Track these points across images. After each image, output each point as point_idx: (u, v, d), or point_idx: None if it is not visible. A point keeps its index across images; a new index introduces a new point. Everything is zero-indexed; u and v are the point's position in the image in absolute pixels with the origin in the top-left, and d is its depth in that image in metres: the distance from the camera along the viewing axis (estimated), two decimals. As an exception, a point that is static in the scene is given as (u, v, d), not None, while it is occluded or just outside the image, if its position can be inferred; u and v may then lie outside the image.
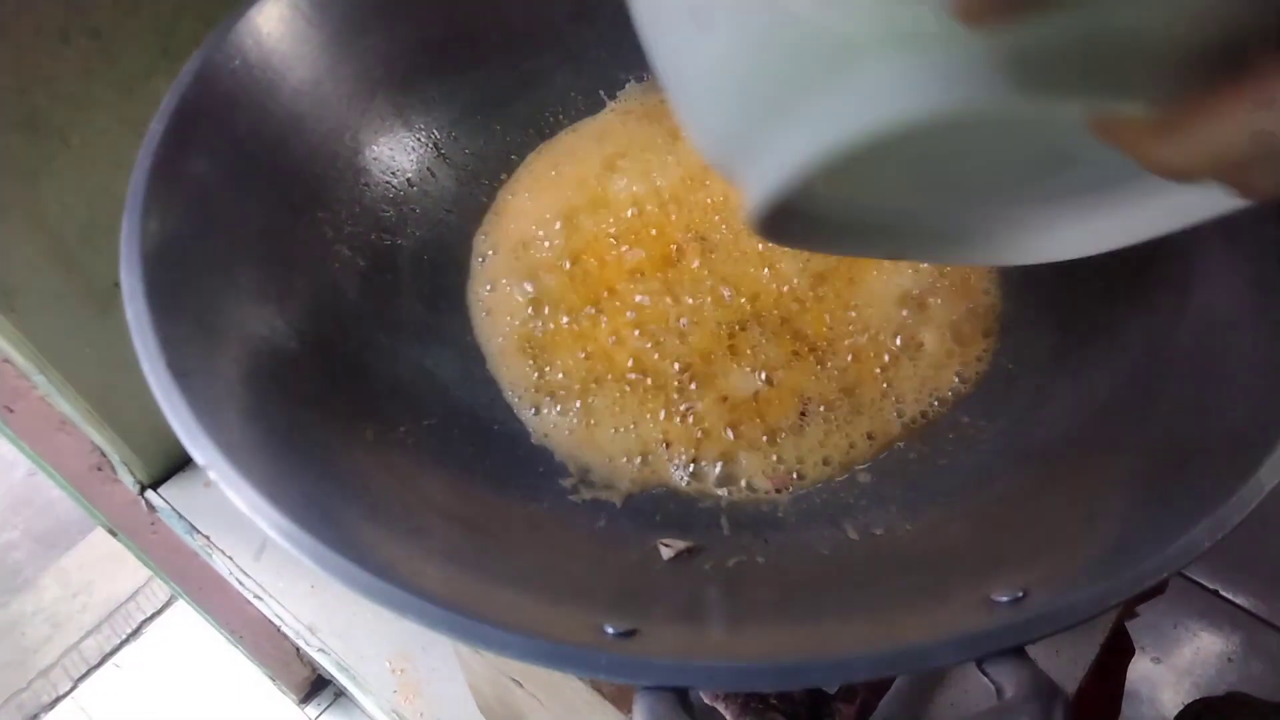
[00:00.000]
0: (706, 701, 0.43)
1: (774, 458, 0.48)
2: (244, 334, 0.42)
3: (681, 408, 0.49)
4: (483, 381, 0.52)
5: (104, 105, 0.56)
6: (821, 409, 0.49)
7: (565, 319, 0.54)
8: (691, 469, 0.48)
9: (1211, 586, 1.34)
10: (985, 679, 0.30)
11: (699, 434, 0.49)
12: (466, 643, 0.30)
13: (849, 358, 0.51)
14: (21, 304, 0.57)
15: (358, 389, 0.46)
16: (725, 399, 0.50)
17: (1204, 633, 1.30)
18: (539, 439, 0.50)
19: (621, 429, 0.49)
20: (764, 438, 0.48)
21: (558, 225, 0.57)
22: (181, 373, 0.36)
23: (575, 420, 0.50)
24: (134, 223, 0.39)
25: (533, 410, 0.50)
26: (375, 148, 0.55)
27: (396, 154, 0.56)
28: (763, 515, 0.46)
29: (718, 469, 0.48)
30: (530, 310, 0.54)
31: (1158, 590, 0.83)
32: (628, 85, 0.63)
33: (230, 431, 0.36)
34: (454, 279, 0.56)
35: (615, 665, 0.29)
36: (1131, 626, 0.76)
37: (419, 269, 0.55)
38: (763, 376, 0.50)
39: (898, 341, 0.51)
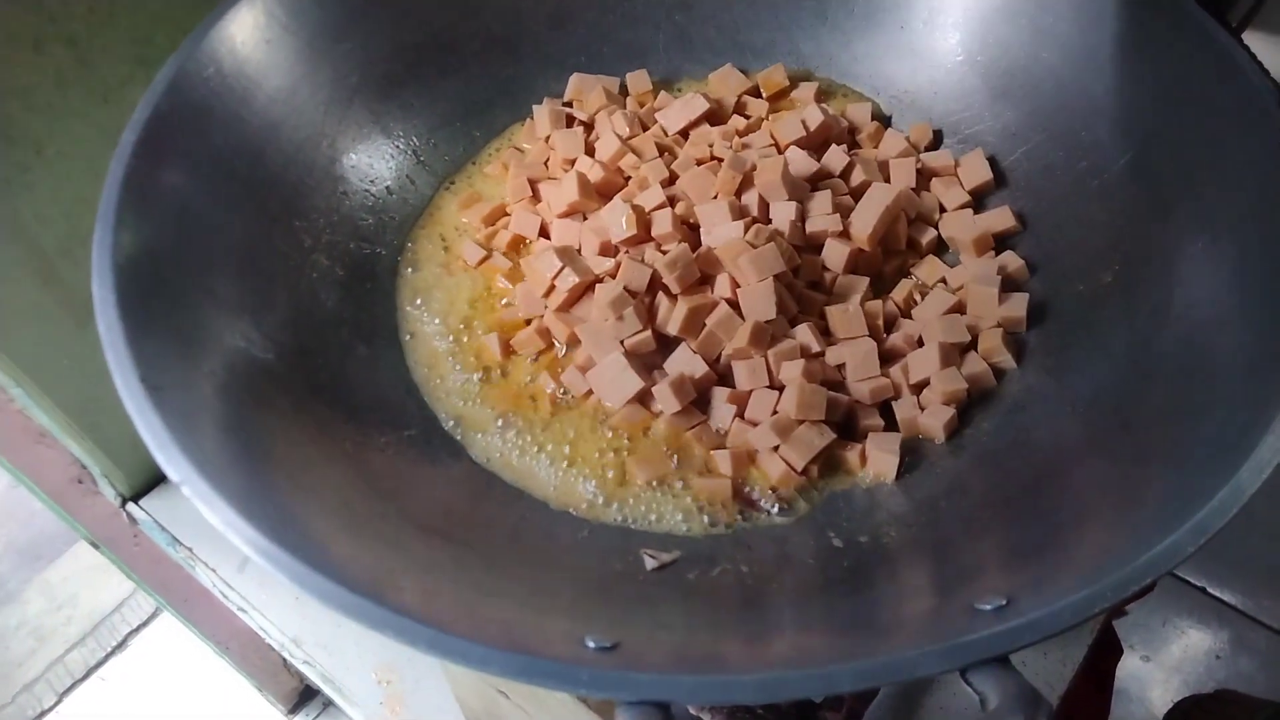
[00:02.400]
0: (692, 712, 0.43)
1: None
2: (220, 346, 0.42)
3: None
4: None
5: (80, 114, 0.55)
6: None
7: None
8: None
9: (1199, 584, 1.35)
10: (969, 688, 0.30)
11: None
12: (445, 658, 0.30)
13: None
14: (-3, 316, 0.57)
15: (337, 400, 0.46)
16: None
17: (1192, 630, 1.31)
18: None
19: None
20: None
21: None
22: (155, 387, 0.35)
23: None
24: (106, 234, 0.39)
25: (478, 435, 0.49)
26: (353, 155, 0.55)
27: (375, 162, 0.56)
28: (747, 525, 0.46)
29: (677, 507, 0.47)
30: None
31: (1147, 589, 0.84)
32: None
33: (205, 446, 0.35)
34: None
35: (596, 681, 0.29)
36: (1120, 625, 0.76)
37: (399, 278, 0.54)
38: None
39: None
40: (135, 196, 0.41)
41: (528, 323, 0.52)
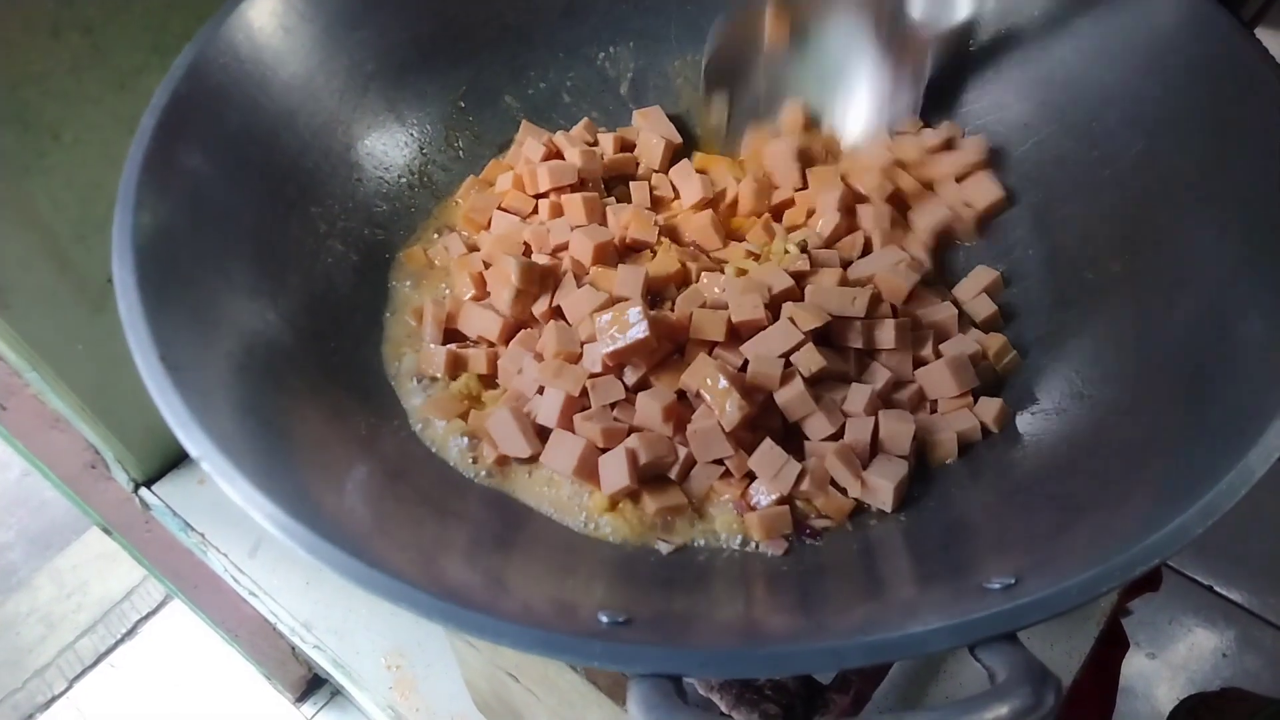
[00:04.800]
0: (701, 693, 0.44)
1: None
2: (237, 328, 0.42)
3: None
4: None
5: (96, 101, 0.56)
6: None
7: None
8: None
9: (1206, 582, 1.34)
10: (979, 665, 0.30)
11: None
12: (461, 632, 0.30)
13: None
14: (13, 301, 0.57)
15: (352, 384, 0.46)
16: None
17: (1199, 628, 1.31)
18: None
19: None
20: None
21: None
22: (175, 366, 0.36)
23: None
24: (126, 216, 0.39)
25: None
26: (368, 142, 0.55)
27: (389, 149, 0.56)
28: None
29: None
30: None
31: (1152, 584, 0.84)
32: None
33: (224, 424, 0.36)
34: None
35: (608, 653, 0.30)
36: (1126, 622, 0.77)
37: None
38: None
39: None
40: (154, 180, 0.41)
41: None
